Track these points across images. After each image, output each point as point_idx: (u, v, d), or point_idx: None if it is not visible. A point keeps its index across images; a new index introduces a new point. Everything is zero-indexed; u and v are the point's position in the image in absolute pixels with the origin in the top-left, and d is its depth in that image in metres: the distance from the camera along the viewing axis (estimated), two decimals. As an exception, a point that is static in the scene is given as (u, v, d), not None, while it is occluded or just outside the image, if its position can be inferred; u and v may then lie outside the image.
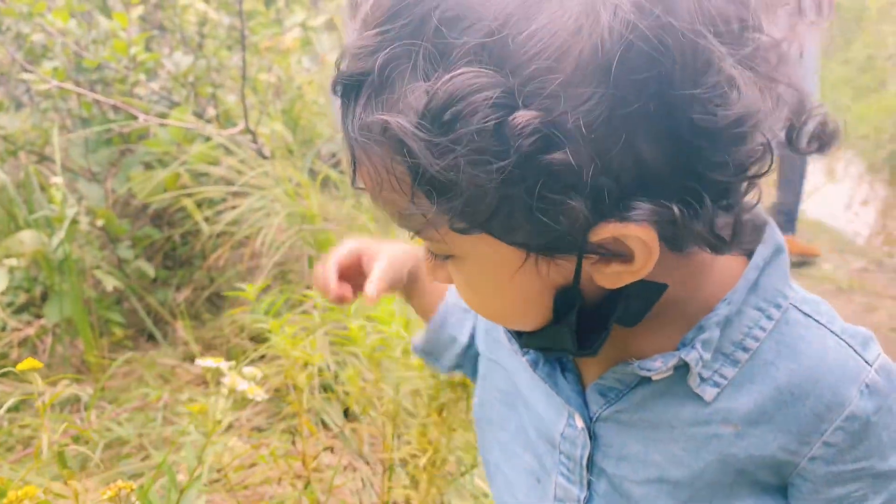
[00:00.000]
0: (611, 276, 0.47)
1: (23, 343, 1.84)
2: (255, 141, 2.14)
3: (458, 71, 0.40)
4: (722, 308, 0.51)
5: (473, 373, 0.79)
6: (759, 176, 0.44)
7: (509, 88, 0.40)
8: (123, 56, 2.00)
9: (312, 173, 2.36)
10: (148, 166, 2.09)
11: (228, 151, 2.06)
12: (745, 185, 0.46)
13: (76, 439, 1.44)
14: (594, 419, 0.57)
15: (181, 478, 0.81)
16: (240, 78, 2.09)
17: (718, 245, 0.45)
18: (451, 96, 0.40)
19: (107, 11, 2.17)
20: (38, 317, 1.91)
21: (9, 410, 1.56)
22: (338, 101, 0.47)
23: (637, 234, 0.43)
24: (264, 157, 2.13)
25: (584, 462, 0.58)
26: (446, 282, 0.54)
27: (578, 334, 0.51)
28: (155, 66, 2.11)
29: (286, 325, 1.01)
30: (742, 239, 0.47)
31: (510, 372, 0.67)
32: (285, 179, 2.02)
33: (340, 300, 0.73)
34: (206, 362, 0.82)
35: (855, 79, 6.01)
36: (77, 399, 1.66)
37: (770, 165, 0.44)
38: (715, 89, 0.39)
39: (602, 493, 0.58)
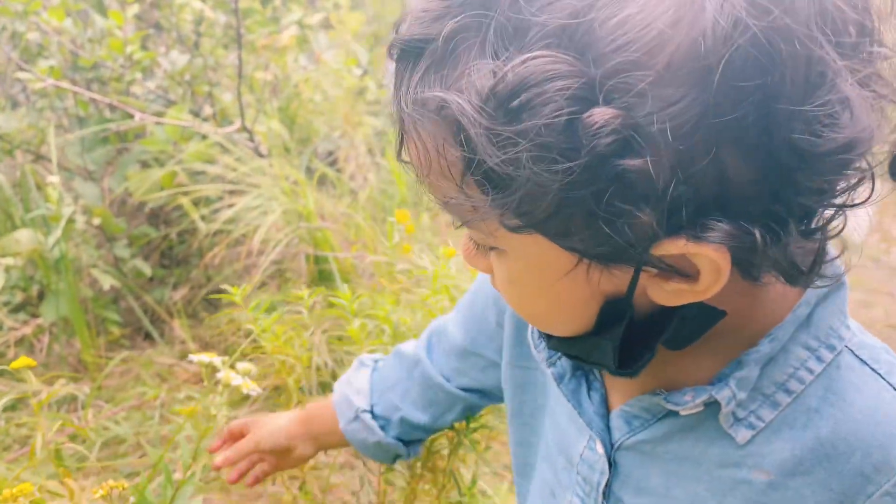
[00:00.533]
0: (669, 294, 0.42)
1: (20, 342, 1.84)
2: (251, 139, 2.14)
3: (533, 53, 0.35)
4: (765, 345, 0.46)
5: (422, 431, 0.86)
6: (852, 206, 0.39)
7: (590, 80, 0.35)
8: (119, 55, 2.00)
9: (309, 171, 2.36)
10: (144, 165, 2.09)
11: (225, 150, 2.06)
12: (833, 211, 0.40)
13: (73, 438, 1.44)
14: (615, 447, 0.54)
15: (178, 476, 0.81)
16: (236, 76, 2.09)
17: (795, 275, 0.40)
18: (521, 81, 0.35)
19: (102, 10, 2.16)
20: (35, 316, 1.90)
21: (6, 409, 1.56)
22: (392, 66, 0.42)
23: (710, 255, 0.38)
24: (261, 156, 2.13)
25: (601, 489, 0.55)
26: (486, 272, 0.50)
27: (619, 351, 0.46)
28: (151, 65, 2.10)
29: (276, 324, 1.02)
30: (821, 270, 0.41)
31: (542, 381, 0.65)
32: (282, 177, 2.02)
33: (218, 469, 0.88)
34: (200, 357, 0.82)
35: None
36: (74, 398, 1.65)
37: (869, 196, 0.39)
38: (825, 108, 0.34)
39: None
